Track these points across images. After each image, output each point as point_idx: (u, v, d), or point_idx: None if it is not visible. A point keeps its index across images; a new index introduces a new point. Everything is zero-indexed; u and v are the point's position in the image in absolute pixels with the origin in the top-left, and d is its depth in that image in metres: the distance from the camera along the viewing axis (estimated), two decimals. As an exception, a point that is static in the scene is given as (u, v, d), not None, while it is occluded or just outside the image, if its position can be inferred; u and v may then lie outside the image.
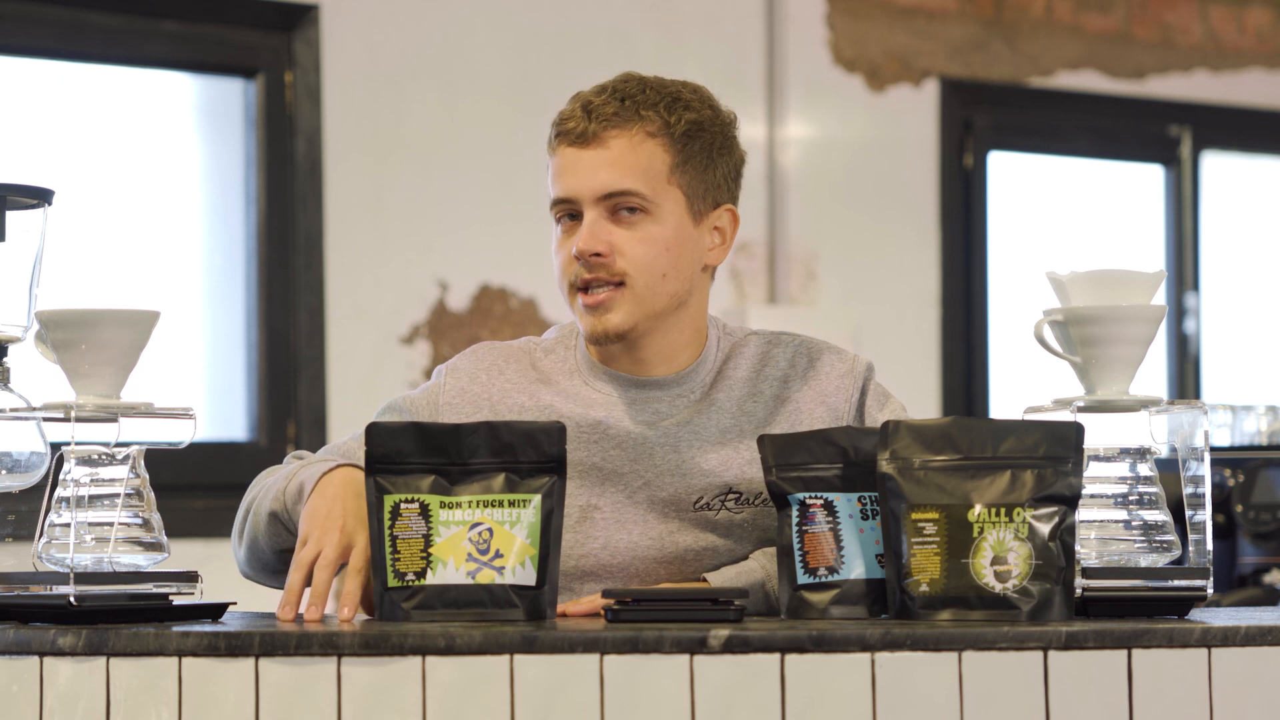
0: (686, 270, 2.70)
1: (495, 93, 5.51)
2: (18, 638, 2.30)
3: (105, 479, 2.42)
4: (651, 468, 2.69)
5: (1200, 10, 6.54)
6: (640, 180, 2.66)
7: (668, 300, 2.70)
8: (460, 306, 5.46)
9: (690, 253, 2.71)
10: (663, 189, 2.67)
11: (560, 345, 2.80)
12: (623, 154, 2.66)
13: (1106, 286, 2.49)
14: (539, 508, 2.38)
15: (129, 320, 2.44)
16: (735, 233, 2.76)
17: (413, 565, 2.35)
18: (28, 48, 5.05)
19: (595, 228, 2.66)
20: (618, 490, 2.69)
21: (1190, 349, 6.55)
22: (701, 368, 2.75)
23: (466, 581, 2.36)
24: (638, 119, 2.67)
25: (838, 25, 5.99)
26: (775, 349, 2.78)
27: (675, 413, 2.72)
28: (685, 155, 2.68)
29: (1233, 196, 6.74)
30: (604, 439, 2.70)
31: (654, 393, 2.73)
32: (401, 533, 2.36)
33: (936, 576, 2.35)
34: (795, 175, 5.93)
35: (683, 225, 2.70)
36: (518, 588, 2.37)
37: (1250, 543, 4.35)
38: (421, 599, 2.35)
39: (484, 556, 2.36)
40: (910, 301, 6.10)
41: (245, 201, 5.29)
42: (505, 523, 2.37)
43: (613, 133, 2.66)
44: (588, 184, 2.66)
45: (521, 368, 2.77)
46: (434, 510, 2.37)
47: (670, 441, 2.70)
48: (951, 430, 2.40)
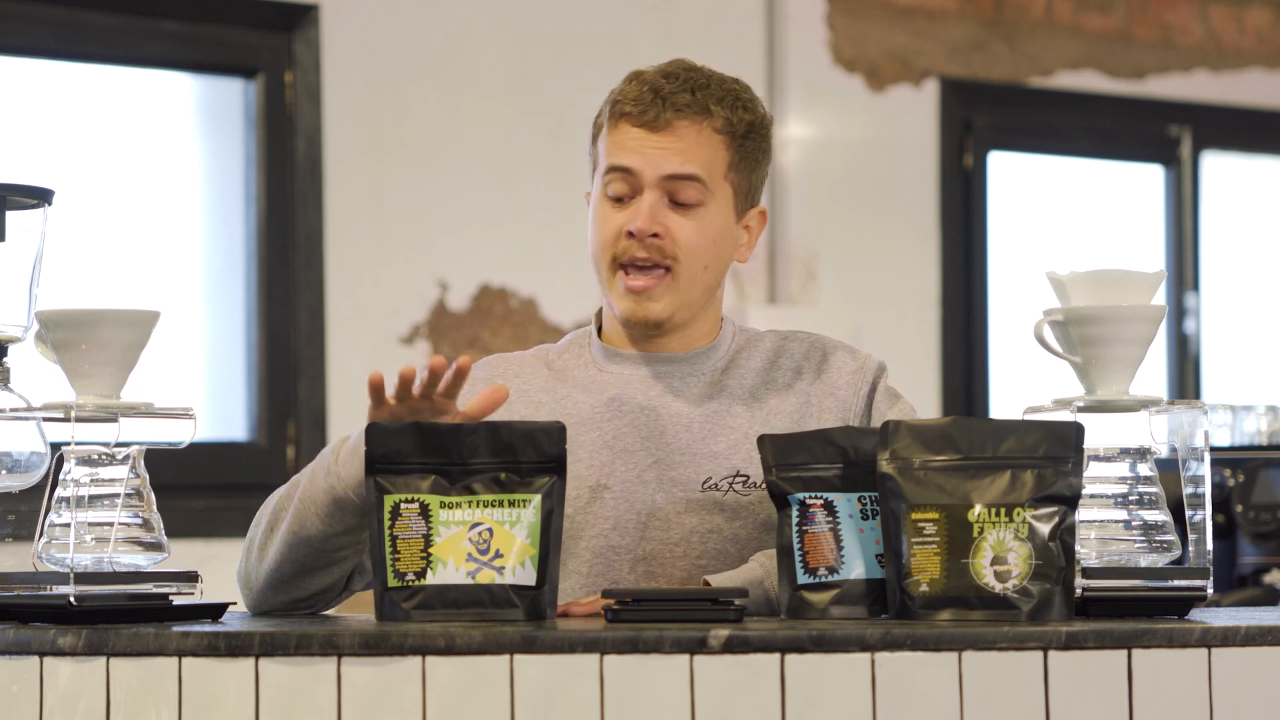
0: (723, 264, 2.77)
1: (495, 93, 5.51)
2: (18, 638, 2.30)
3: (105, 479, 2.42)
4: (663, 446, 2.72)
5: (1200, 10, 6.54)
6: (705, 170, 2.71)
7: (703, 291, 2.75)
8: (460, 306, 5.46)
9: (728, 248, 2.77)
10: (719, 183, 2.73)
11: (574, 345, 2.84)
12: (692, 143, 2.70)
13: (1106, 286, 2.49)
14: (539, 508, 2.38)
15: (129, 320, 2.44)
16: (760, 233, 2.82)
17: (413, 565, 2.35)
18: (28, 48, 5.05)
19: (655, 209, 2.70)
20: (627, 468, 2.71)
21: (1190, 349, 6.55)
22: (715, 352, 2.79)
23: (467, 581, 2.35)
24: (707, 114, 2.71)
25: (838, 25, 5.99)
26: (790, 344, 2.82)
27: (686, 391, 2.75)
28: (741, 154, 2.74)
29: (1233, 196, 6.73)
30: (617, 415, 2.73)
31: (665, 368, 2.76)
32: (401, 533, 2.36)
33: (936, 576, 2.35)
34: (795, 175, 5.93)
35: (728, 221, 2.76)
36: (518, 588, 2.37)
37: (1250, 543, 4.35)
38: (421, 599, 2.35)
39: (484, 556, 2.36)
40: (910, 301, 6.10)
41: (245, 201, 5.29)
42: (505, 523, 2.37)
43: (684, 122, 2.70)
44: (655, 163, 2.70)
45: (536, 369, 2.81)
46: (434, 510, 2.36)
47: (682, 422, 2.73)
48: (951, 430, 2.40)
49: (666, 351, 2.77)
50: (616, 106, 2.72)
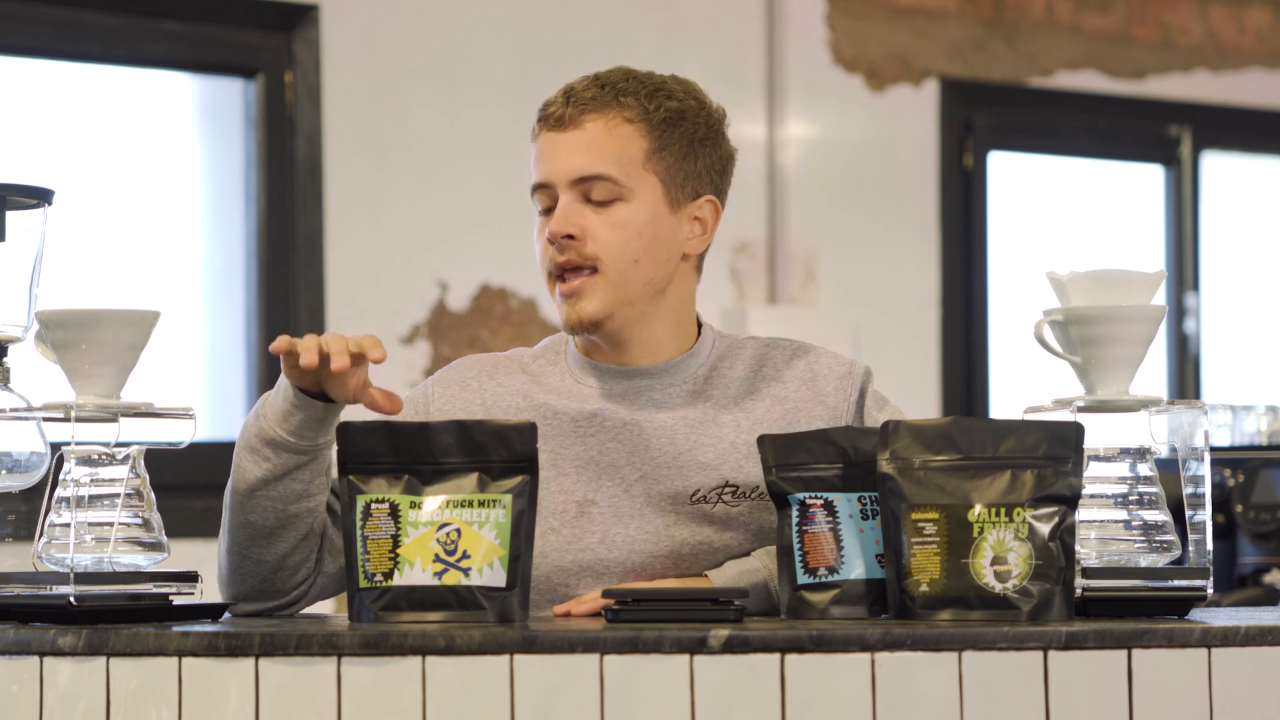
0: (661, 257, 2.70)
1: (495, 93, 5.51)
2: (18, 638, 2.30)
3: (105, 479, 2.42)
4: (649, 460, 2.69)
5: (1200, 10, 6.54)
6: (613, 164, 2.67)
7: (642, 287, 2.69)
8: (460, 306, 5.46)
9: (665, 240, 2.71)
10: (637, 174, 2.68)
11: (550, 350, 2.80)
12: (597, 137, 2.67)
13: (1106, 286, 2.48)
14: (509, 507, 2.36)
15: (129, 320, 2.43)
16: (716, 224, 2.76)
17: (381, 566, 2.34)
18: (28, 48, 5.05)
19: (568, 210, 2.67)
20: (614, 484, 2.69)
21: (1190, 349, 6.55)
22: (693, 360, 2.75)
23: (433, 583, 2.34)
24: (616, 104, 2.68)
25: (838, 25, 5.99)
26: (772, 352, 2.78)
27: (669, 402, 2.71)
28: (663, 142, 2.69)
29: (1233, 196, 6.74)
30: (601, 431, 2.70)
31: (643, 382, 2.72)
32: (371, 533, 2.35)
33: (936, 576, 2.35)
34: (795, 175, 5.93)
35: (658, 212, 2.70)
36: (485, 589, 2.34)
37: (1250, 543, 4.35)
38: (388, 600, 2.34)
39: (451, 557, 2.34)
40: (910, 301, 6.10)
41: (245, 201, 5.29)
42: (474, 523, 2.35)
43: (589, 116, 2.67)
44: (562, 167, 2.67)
45: (511, 371, 2.77)
46: (403, 510, 2.35)
47: (667, 434, 2.70)
48: (951, 430, 2.40)
49: (639, 364, 2.73)
50: (538, 115, 2.72)
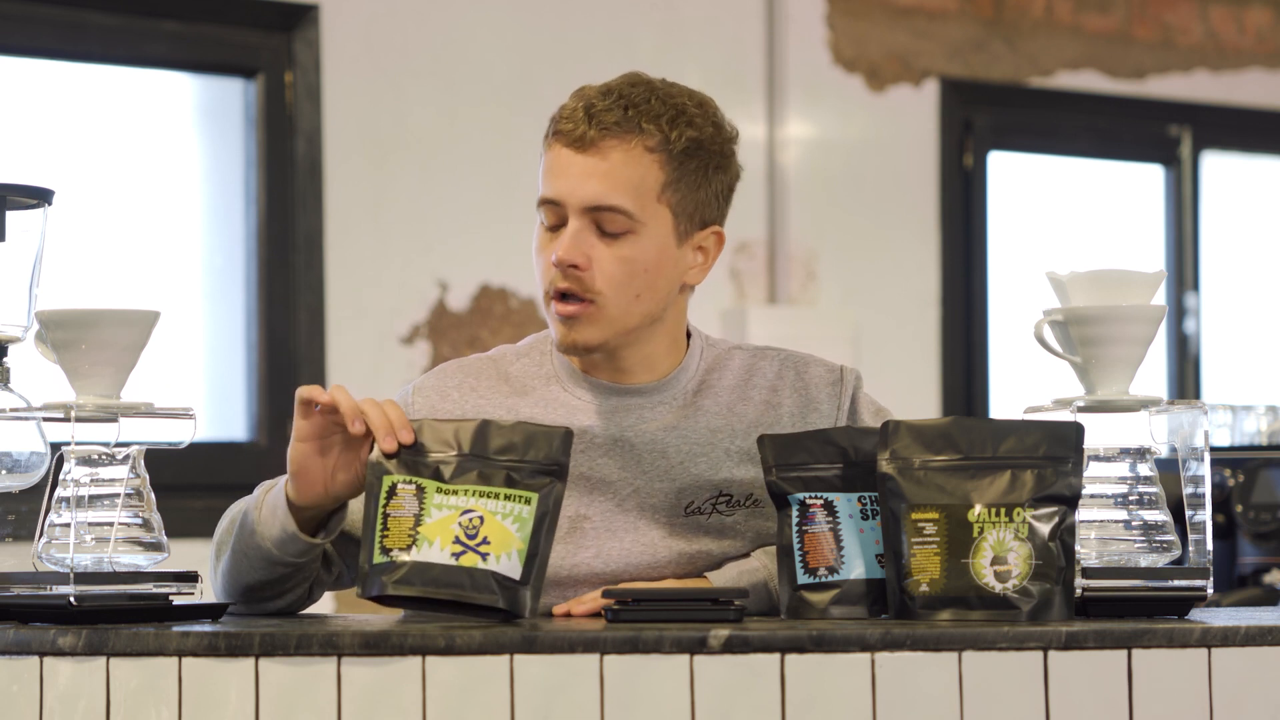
0: (663, 290, 2.66)
1: (495, 93, 5.51)
2: (18, 638, 2.30)
3: (105, 479, 2.42)
4: (640, 474, 2.67)
5: (1200, 10, 6.54)
6: (630, 197, 2.60)
7: (640, 319, 2.65)
8: (460, 306, 5.46)
9: (669, 273, 2.66)
10: (651, 207, 2.62)
11: (535, 350, 2.76)
12: (617, 167, 2.60)
13: (1106, 286, 2.48)
14: (535, 506, 2.37)
15: (129, 320, 2.43)
16: (718, 254, 2.71)
17: (400, 542, 2.34)
18: (28, 48, 5.05)
19: (578, 238, 2.61)
20: (607, 499, 2.66)
21: (1190, 349, 6.55)
22: (684, 374, 2.72)
23: (449, 562, 2.33)
24: (638, 132, 2.61)
25: (838, 25, 5.99)
26: (761, 361, 2.75)
27: (660, 418, 2.69)
28: (680, 174, 2.63)
29: (1233, 196, 6.74)
30: (591, 447, 2.66)
31: (635, 400, 2.69)
32: (394, 510, 2.35)
33: (936, 576, 2.35)
34: (795, 175, 5.93)
35: (666, 246, 2.64)
36: (500, 576, 2.33)
37: (1250, 543, 4.35)
38: (403, 574, 2.33)
39: (471, 541, 2.35)
40: (910, 301, 6.10)
41: (245, 201, 5.29)
42: (498, 514, 2.36)
43: (611, 142, 2.60)
44: (577, 191, 2.60)
45: (492, 382, 2.73)
46: (429, 493, 2.36)
47: (658, 447, 2.67)
48: (951, 430, 2.40)
49: (634, 383, 2.69)
50: (553, 124, 2.64)
